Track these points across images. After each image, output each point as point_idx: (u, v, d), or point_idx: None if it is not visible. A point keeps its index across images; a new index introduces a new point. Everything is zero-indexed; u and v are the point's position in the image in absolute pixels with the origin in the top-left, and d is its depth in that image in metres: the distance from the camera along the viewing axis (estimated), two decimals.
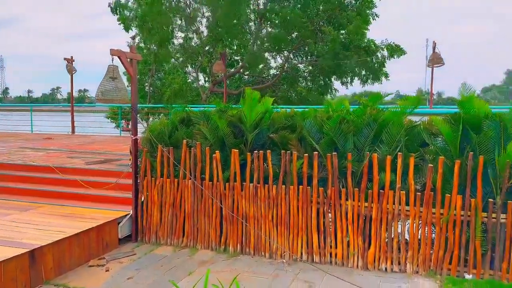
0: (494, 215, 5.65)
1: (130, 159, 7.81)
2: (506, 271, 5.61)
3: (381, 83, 18.49)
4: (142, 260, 6.55)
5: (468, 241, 5.77)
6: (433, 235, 6.06)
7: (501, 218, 5.62)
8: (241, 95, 8.51)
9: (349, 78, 18.80)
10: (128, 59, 7.41)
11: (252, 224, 6.79)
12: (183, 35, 19.49)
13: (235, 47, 19.10)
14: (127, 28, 19.45)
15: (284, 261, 6.50)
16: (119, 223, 7.21)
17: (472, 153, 5.64)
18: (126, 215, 7.41)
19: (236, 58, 20.22)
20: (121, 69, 7.76)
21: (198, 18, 18.77)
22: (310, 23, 16.03)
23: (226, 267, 6.23)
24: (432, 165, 5.85)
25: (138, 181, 7.54)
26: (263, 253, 6.76)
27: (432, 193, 5.86)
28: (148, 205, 7.47)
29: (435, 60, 11.80)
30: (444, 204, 5.81)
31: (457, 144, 5.85)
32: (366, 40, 16.72)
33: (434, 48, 12.39)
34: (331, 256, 6.44)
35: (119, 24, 19.39)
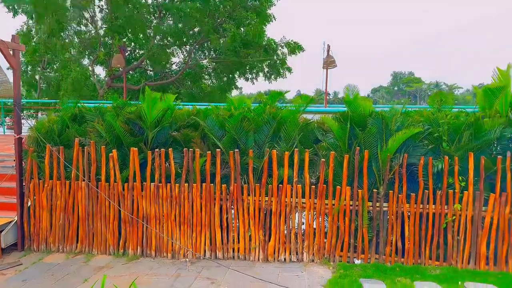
0: (378, 204, 6.27)
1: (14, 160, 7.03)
2: (389, 255, 6.27)
3: (286, 77, 19.27)
4: (30, 270, 5.96)
5: (357, 229, 6.32)
6: (326, 224, 6.53)
7: (384, 207, 6.26)
8: (141, 91, 8.19)
9: (254, 75, 19.25)
10: (10, 50, 6.64)
11: (154, 225, 6.59)
12: (77, 23, 18.05)
13: (134, 40, 18.20)
14: (15, 13, 17.42)
15: (187, 260, 6.44)
16: (1, 231, 6.45)
17: (358, 148, 6.18)
18: (9, 222, 6.66)
19: (137, 51, 19.36)
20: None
21: (93, 6, 17.53)
22: (211, 19, 16.00)
23: (125, 271, 5.96)
24: (324, 160, 6.28)
25: (24, 184, 6.82)
26: (165, 254, 6.61)
27: (325, 185, 6.30)
28: (36, 210, 6.80)
29: (329, 62, 12.71)
30: (335, 195, 6.28)
31: (345, 140, 6.36)
32: (266, 39, 17.26)
33: (328, 51, 13.33)
34: (234, 251, 6.55)
35: (4, 7, 17.26)
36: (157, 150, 6.50)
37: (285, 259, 6.43)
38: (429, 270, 5.92)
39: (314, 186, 6.36)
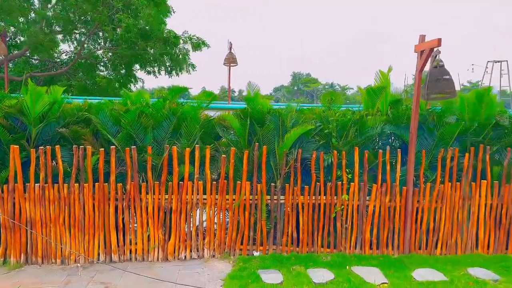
0: (275, 197, 6.52)
1: None
2: (285, 245, 6.57)
3: (190, 73, 18.84)
4: None
5: (256, 222, 6.51)
6: (227, 219, 6.60)
7: (281, 199, 6.54)
8: (23, 82, 7.37)
9: (155, 68, 18.50)
10: None
11: (39, 230, 6.00)
12: None
13: (12, 23, 16.10)
14: None
15: (78, 265, 5.99)
16: None
17: (257, 144, 6.36)
18: None
19: (18, 38, 17.29)
20: None
21: None
22: (104, 8, 14.95)
23: (7, 281, 5.34)
24: (225, 156, 6.33)
25: None
26: (54, 261, 6.06)
27: (226, 181, 6.36)
28: None
29: (231, 60, 12.85)
30: (236, 190, 6.38)
31: (245, 137, 6.50)
32: (166, 31, 16.70)
33: (230, 48, 13.45)
34: (131, 253, 6.27)
35: None
36: (41, 147, 5.91)
37: (185, 256, 6.35)
38: (321, 257, 6.34)
39: (215, 182, 6.38)
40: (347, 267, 5.99)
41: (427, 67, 6.24)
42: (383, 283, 5.48)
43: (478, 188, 6.63)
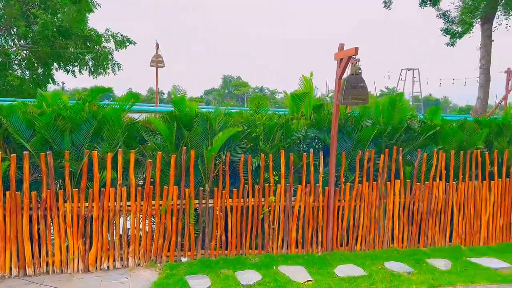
0: (204, 201, 6.48)
1: None
2: (214, 249, 6.55)
3: (115, 73, 17.96)
4: None
5: (184, 227, 6.41)
6: (153, 226, 6.42)
7: (210, 203, 6.51)
8: None
9: (76, 68, 17.41)
10: None
11: None
12: None
13: None
14: None
15: None
16: None
17: (185, 147, 6.27)
18: None
19: None
20: None
21: None
22: (17, 2, 13.80)
23: None
24: (151, 160, 6.16)
25: None
26: None
27: (152, 186, 6.18)
28: None
29: (158, 60, 12.55)
30: (162, 195, 6.23)
31: (173, 140, 6.38)
32: (87, 29, 15.83)
33: (157, 49, 13.14)
34: (48, 265, 5.85)
35: None
36: None
37: (108, 267, 6.06)
38: (249, 259, 6.42)
39: (140, 188, 6.18)
40: (274, 267, 6.12)
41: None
42: (307, 281, 5.69)
43: (393, 187, 7.16)
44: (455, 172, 7.47)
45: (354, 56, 6.30)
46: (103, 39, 16.46)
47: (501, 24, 16.44)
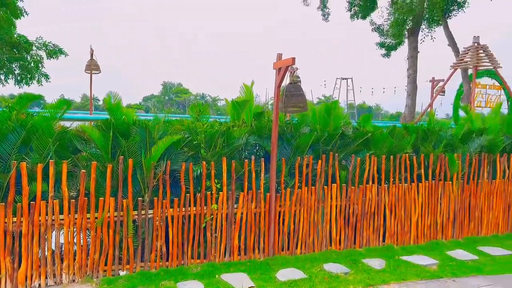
0: (143, 211, 6.30)
1: None
2: (154, 261, 6.38)
3: (42, 85, 16.93)
4: None
5: (122, 240, 6.18)
6: (89, 240, 6.12)
7: (149, 214, 6.34)
8: None
9: (1, 76, 16.17)
10: None
11: None
12: None
13: None
14: None
15: None
16: None
17: (122, 157, 6.07)
18: None
19: None
20: None
21: None
22: None
23: None
24: (85, 171, 5.89)
25: None
26: None
27: (87, 198, 5.91)
28: None
29: (92, 66, 12.04)
30: (98, 207, 5.97)
31: (108, 149, 6.15)
32: (16, 35, 14.81)
33: (91, 55, 12.61)
34: None
35: None
36: None
37: (40, 284, 5.67)
38: (191, 269, 6.33)
39: (74, 200, 5.87)
40: (217, 276, 6.10)
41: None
42: (250, 287, 5.73)
43: (330, 191, 7.45)
44: (386, 175, 7.94)
45: (292, 66, 6.51)
46: (33, 47, 15.46)
47: (426, 36, 17.87)
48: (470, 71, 17.49)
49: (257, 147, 7.71)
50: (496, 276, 6.52)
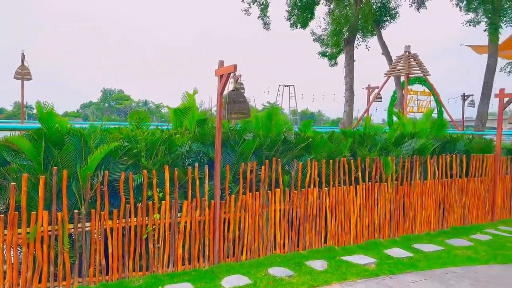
0: (80, 225, 5.99)
1: None
2: (93, 275, 6.08)
3: None
4: None
5: (58, 255, 5.83)
6: (21, 257, 5.71)
7: (86, 227, 6.05)
8: None
9: None
10: None
11: None
12: None
13: None
14: None
15: None
16: None
17: (56, 167, 5.75)
18: None
19: None
20: None
21: None
22: None
23: None
24: (15, 184, 5.50)
25: None
26: None
27: (18, 212, 5.51)
28: None
29: (23, 73, 11.31)
30: (30, 222, 5.59)
31: (41, 160, 5.80)
32: None
33: (23, 61, 11.83)
34: None
35: None
36: None
37: None
38: (133, 282, 6.12)
39: (3, 215, 5.45)
40: (160, 287, 5.94)
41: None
42: None
43: (273, 195, 7.56)
44: (326, 178, 8.21)
45: (235, 73, 6.55)
46: None
47: (359, 46, 18.84)
48: (402, 79, 18.63)
49: (201, 154, 7.65)
50: (428, 271, 6.96)
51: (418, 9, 20.13)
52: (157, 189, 6.54)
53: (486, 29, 17.38)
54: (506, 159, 11.14)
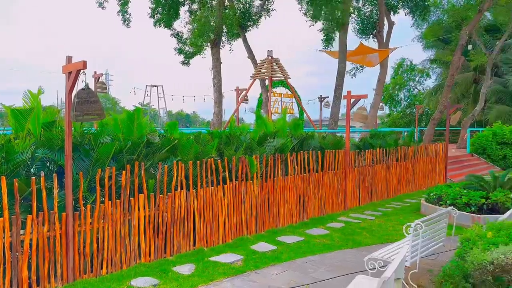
0: None
1: None
2: None
3: None
4: None
5: None
6: None
7: None
8: None
9: None
10: None
11: None
12: None
13: None
14: None
15: None
16: None
17: None
18: None
19: None
20: None
21: None
22: None
23: None
24: None
25: None
26: None
27: None
28: None
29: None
30: None
31: None
32: None
33: None
34: None
35: None
36: None
37: None
38: None
39: None
40: None
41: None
42: None
43: (137, 201, 7.13)
44: (194, 180, 8.10)
45: (87, 71, 5.96)
46: None
47: (223, 47, 19.31)
48: (267, 81, 19.68)
49: (49, 162, 6.79)
50: (290, 262, 7.37)
51: (267, 16, 21.49)
52: None
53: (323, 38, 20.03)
54: (354, 154, 12.57)
